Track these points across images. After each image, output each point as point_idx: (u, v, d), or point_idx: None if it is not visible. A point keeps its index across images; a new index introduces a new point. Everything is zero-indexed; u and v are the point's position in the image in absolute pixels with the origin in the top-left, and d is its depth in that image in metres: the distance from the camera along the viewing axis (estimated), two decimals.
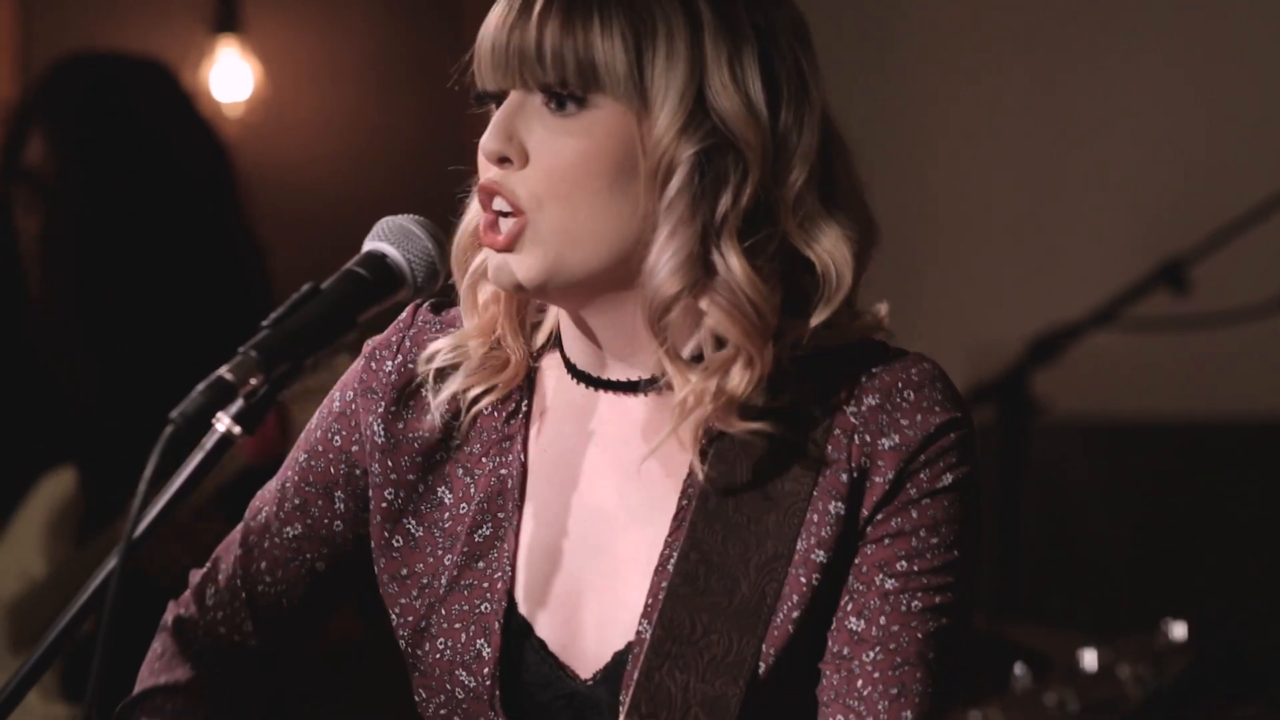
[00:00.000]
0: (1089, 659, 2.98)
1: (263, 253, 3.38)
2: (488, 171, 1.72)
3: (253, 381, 1.60)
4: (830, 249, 1.70)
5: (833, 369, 1.73)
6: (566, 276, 1.70)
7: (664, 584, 1.71)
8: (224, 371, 1.60)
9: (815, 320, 1.70)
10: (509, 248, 1.70)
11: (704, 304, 1.68)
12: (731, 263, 1.67)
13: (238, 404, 1.60)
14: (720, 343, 1.69)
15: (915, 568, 1.71)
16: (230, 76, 4.81)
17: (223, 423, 1.60)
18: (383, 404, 1.81)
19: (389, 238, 1.71)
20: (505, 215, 1.71)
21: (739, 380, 1.68)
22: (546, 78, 1.67)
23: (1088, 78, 4.49)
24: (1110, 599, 4.37)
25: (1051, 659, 3.64)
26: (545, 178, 1.69)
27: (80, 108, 3.28)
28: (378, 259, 1.70)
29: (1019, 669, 2.92)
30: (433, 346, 1.80)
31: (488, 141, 1.70)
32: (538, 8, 1.67)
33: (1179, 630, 2.95)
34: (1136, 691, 2.92)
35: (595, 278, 1.71)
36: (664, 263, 1.67)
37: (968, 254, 4.56)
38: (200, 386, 1.59)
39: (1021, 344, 3.98)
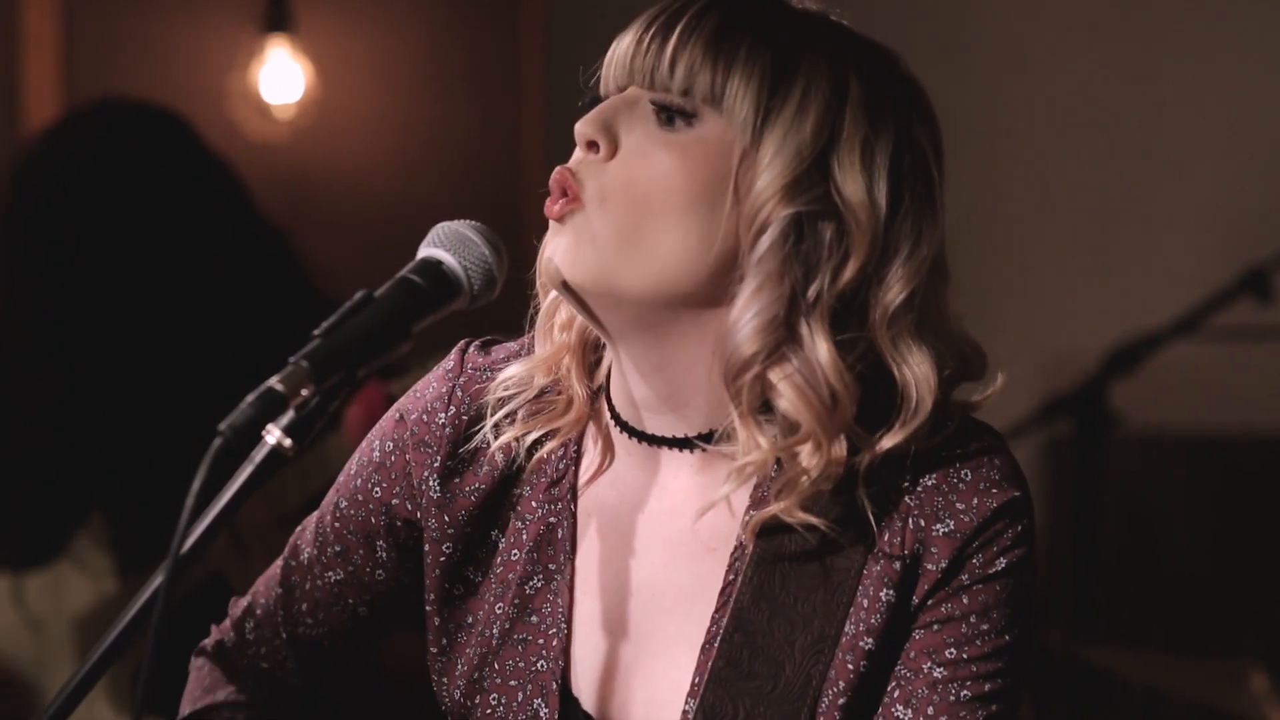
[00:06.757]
0: None
1: (306, 277, 3.29)
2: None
3: (304, 393, 1.56)
4: (916, 371, 1.65)
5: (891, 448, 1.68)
6: (613, 286, 1.65)
7: (709, 663, 1.67)
8: (274, 382, 1.56)
9: (886, 443, 1.65)
10: (561, 218, 1.66)
11: (775, 375, 1.64)
12: (818, 341, 1.63)
13: (288, 416, 1.57)
14: (780, 415, 1.64)
15: (965, 654, 1.67)
16: (281, 77, 4.77)
17: (273, 435, 1.56)
18: (438, 458, 1.78)
19: (445, 244, 1.67)
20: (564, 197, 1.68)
21: (808, 463, 1.63)
22: (670, 86, 1.64)
23: (1167, 82, 4.48)
24: (1190, 619, 4.32)
25: (1128, 680, 3.55)
26: (624, 177, 1.65)
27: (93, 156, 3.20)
28: (433, 266, 1.66)
29: None
30: (503, 374, 1.77)
31: (584, 125, 1.67)
32: (684, 21, 1.65)
33: None
34: None
35: (645, 301, 1.66)
36: (747, 319, 1.64)
37: (1044, 264, 4.55)
38: (250, 398, 1.55)
39: (1099, 355, 3.97)
